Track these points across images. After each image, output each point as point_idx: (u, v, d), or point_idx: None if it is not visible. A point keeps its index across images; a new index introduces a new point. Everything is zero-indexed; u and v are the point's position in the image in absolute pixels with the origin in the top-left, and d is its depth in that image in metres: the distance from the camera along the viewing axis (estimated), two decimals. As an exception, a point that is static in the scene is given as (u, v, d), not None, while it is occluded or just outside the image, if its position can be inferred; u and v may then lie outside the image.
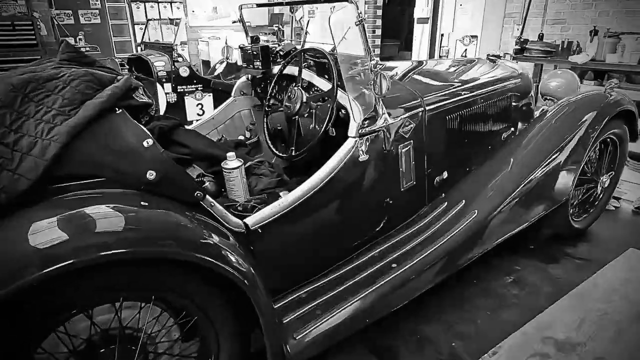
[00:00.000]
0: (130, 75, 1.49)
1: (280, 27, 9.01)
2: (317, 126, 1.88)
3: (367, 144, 1.71)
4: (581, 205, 2.59)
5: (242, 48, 2.34)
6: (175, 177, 1.26)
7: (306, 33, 2.82)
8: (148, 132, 1.24)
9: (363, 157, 1.70)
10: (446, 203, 2.11)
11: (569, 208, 2.37)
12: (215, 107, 4.85)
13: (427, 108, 1.97)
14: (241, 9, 2.37)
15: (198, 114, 4.80)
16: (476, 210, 1.98)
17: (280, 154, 1.96)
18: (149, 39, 6.42)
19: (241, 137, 2.61)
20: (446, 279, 1.85)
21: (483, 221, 1.95)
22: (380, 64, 1.62)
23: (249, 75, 2.49)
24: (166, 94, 4.53)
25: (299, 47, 2.26)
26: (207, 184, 1.93)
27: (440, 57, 5.34)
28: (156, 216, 1.18)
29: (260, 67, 2.25)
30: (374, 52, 7.40)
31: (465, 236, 1.90)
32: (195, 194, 1.29)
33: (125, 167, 1.19)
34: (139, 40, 6.89)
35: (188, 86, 4.65)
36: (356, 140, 1.67)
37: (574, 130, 2.30)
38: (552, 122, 2.40)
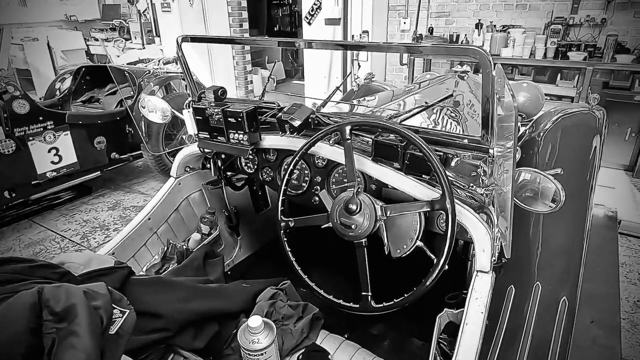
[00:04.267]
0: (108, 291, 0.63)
1: (123, 22, 7.42)
2: (397, 249, 1.18)
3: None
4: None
5: (198, 108, 1.40)
6: None
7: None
8: None
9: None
10: (513, 290, 1.65)
11: None
12: (76, 148, 3.53)
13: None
14: (180, 43, 1.43)
15: (53, 163, 3.41)
16: (565, 298, 1.56)
17: (346, 304, 1.19)
18: None
19: (196, 236, 1.70)
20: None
21: (573, 309, 1.55)
22: (505, 151, 1.02)
23: (200, 145, 1.57)
24: (-4, 143, 3.05)
25: (328, 114, 1.43)
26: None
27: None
28: None
29: (244, 142, 1.38)
30: (243, 48, 6.59)
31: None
32: None
33: None
34: None
35: (31, 126, 3.22)
36: (492, 277, 1.06)
37: (589, 159, 2.07)
38: (559, 154, 2.13)
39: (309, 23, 5.36)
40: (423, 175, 1.17)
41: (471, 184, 1.14)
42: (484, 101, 0.98)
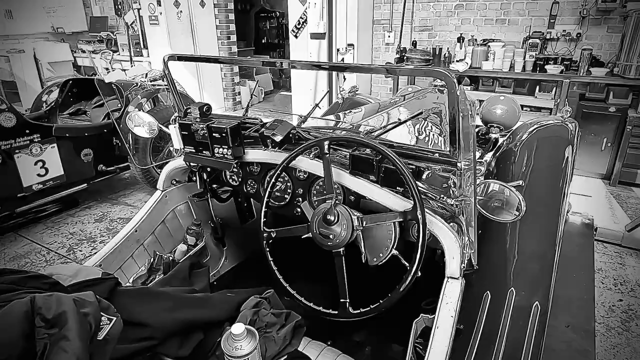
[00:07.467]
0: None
1: (111, 34, 7.45)
2: (374, 257, 1.24)
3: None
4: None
5: (184, 124, 1.46)
6: None
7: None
8: None
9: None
10: (489, 296, 1.71)
11: None
12: (63, 161, 3.54)
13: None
14: (166, 62, 1.49)
15: (40, 175, 3.41)
16: (537, 302, 1.63)
17: (326, 311, 1.24)
18: None
19: (182, 248, 1.75)
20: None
21: (546, 313, 1.62)
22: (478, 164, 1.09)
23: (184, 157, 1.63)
24: (-18, 157, 3.06)
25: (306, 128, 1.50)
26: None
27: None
28: None
29: (228, 156, 1.44)
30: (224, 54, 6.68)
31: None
32: None
33: None
34: None
35: (17, 139, 3.23)
36: (462, 283, 1.12)
37: (561, 168, 2.17)
38: (534, 163, 2.23)
39: (296, 36, 5.47)
40: (397, 187, 1.23)
41: (442, 195, 1.21)
42: (450, 119, 1.05)
